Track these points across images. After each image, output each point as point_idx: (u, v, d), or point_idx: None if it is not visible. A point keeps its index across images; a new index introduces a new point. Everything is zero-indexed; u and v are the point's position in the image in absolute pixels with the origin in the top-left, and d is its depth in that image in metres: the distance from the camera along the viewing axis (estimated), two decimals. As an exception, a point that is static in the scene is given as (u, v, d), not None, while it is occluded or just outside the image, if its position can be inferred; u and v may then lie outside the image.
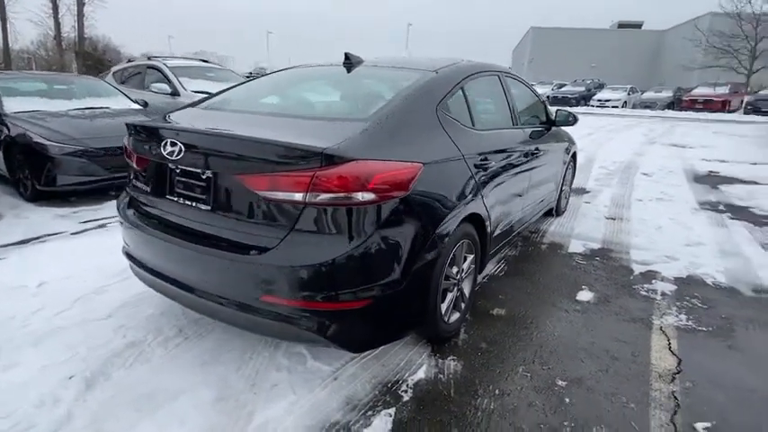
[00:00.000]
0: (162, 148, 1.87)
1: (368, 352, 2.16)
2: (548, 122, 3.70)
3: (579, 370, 2.11)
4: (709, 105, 21.43)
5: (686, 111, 21.79)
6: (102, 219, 4.17)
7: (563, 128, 4.10)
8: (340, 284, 1.64)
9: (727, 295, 2.91)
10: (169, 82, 6.85)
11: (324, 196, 1.59)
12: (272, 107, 2.45)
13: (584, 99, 26.08)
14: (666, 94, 24.17)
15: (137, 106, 6.04)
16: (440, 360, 2.15)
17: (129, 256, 2.22)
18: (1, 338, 2.19)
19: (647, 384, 2.02)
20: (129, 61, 8.42)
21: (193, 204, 1.87)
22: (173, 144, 1.83)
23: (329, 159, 1.58)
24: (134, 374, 1.96)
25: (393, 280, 1.73)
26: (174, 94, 6.75)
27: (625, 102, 24.51)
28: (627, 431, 1.74)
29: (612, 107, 24.02)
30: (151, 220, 2.05)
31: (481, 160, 2.34)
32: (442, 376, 2.04)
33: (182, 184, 1.91)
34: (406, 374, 2.04)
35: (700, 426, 1.76)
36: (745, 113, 20.27)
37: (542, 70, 41.88)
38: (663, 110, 22.74)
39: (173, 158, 1.84)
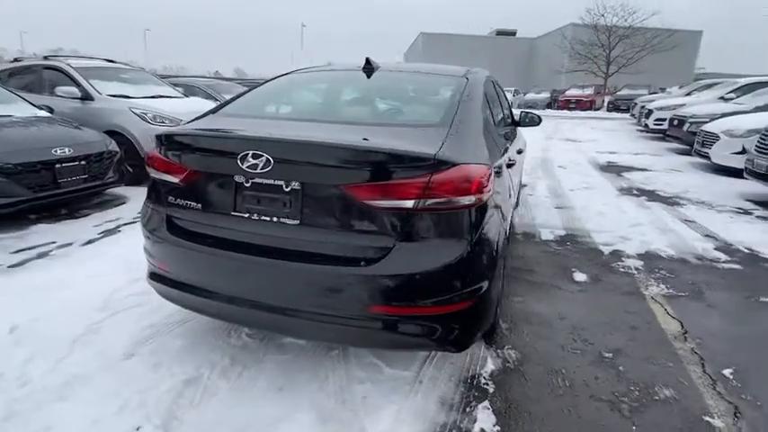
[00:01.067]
0: (239, 162, 1.71)
1: (432, 354, 2.20)
2: (513, 123, 4.04)
3: (614, 342, 2.39)
4: (580, 105, 24.66)
5: (562, 110, 24.80)
6: (38, 246, 3.56)
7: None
8: (452, 288, 1.67)
9: (682, 265, 3.48)
10: (78, 85, 6.00)
11: (434, 201, 1.61)
12: (330, 114, 2.38)
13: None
14: (545, 95, 27.27)
15: (43, 113, 5.21)
16: (498, 351, 2.28)
17: (167, 281, 1.98)
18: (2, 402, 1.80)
19: (670, 345, 2.36)
20: (16, 60, 7.15)
21: (275, 219, 1.74)
22: (256, 156, 1.68)
23: (440, 165, 1.60)
24: (209, 411, 1.77)
25: (490, 278, 1.81)
26: (86, 98, 5.93)
27: (510, 103, 27.08)
28: (679, 386, 2.03)
29: (502, 107, 26.40)
30: (210, 240, 1.86)
31: (507, 160, 2.52)
32: (509, 364, 2.17)
33: (255, 199, 1.76)
34: (478, 368, 2.13)
35: (726, 372, 2.13)
36: (608, 111, 23.73)
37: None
38: (543, 109, 25.59)
39: (256, 171, 1.69)
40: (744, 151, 6.89)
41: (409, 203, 1.60)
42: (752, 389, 2.01)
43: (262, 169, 1.68)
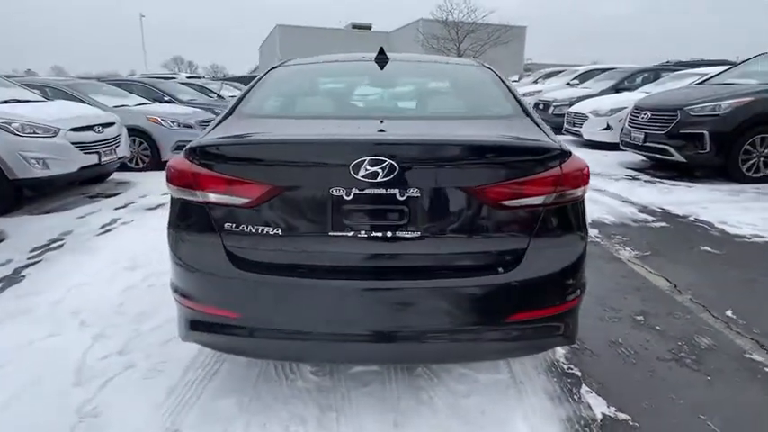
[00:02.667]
0: (352, 171, 1.40)
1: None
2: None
3: (633, 305, 2.64)
4: (442, 94, 26.66)
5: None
6: None
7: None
8: (576, 282, 1.64)
9: (626, 228, 4.00)
10: None
11: (560, 195, 1.55)
12: (388, 110, 2.19)
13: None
14: (410, 86, 28.78)
15: None
16: (554, 333, 2.34)
17: (234, 329, 1.57)
18: None
19: (675, 299, 2.70)
20: None
21: (389, 234, 1.48)
22: (375, 163, 1.40)
23: (564, 156, 1.54)
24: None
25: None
26: None
27: (381, 94, 28.04)
28: (709, 332, 2.33)
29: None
30: (301, 270, 1.52)
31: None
32: (574, 345, 2.24)
33: (361, 214, 1.48)
34: (552, 355, 2.15)
35: (729, 313, 2.51)
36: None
37: (295, 67, 43.62)
38: (411, 99, 27.09)
39: (375, 181, 1.41)
40: (608, 127, 8.21)
41: (540, 199, 1.52)
42: (756, 323, 2.40)
43: (383, 177, 1.42)
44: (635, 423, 1.72)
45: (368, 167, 1.41)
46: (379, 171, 1.41)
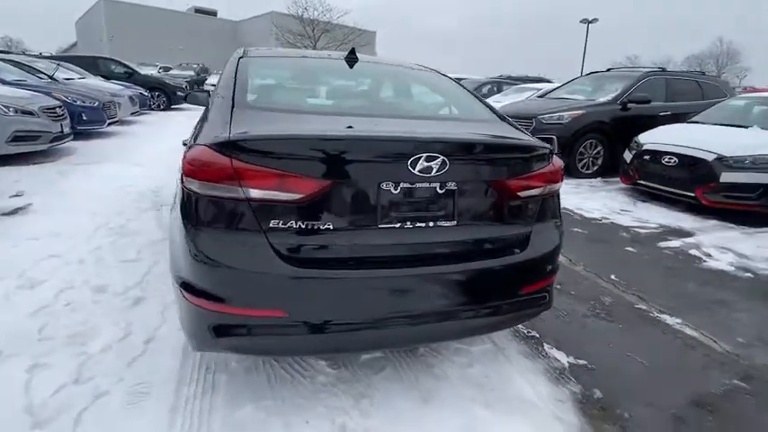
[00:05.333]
0: (410, 166, 1.49)
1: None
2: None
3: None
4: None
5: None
6: None
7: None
8: (557, 259, 2.00)
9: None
10: None
11: (550, 187, 1.89)
12: (382, 109, 2.22)
13: (197, 83, 26.25)
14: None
15: None
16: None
17: (277, 329, 1.53)
18: None
19: (574, 270, 3.37)
20: None
21: (431, 225, 1.62)
22: (430, 158, 1.51)
23: (552, 155, 1.89)
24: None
25: None
26: None
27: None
28: (604, 291, 3.01)
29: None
30: (351, 262, 1.55)
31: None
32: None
33: (408, 206, 1.59)
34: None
35: (613, 277, 3.26)
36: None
37: (125, 50, 38.15)
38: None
39: (430, 175, 1.52)
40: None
41: (539, 190, 1.83)
42: (632, 283, 3.18)
43: (436, 172, 1.55)
44: (592, 366, 2.18)
45: (424, 163, 1.53)
46: (434, 166, 1.55)
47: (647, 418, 1.85)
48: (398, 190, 1.56)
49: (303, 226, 1.50)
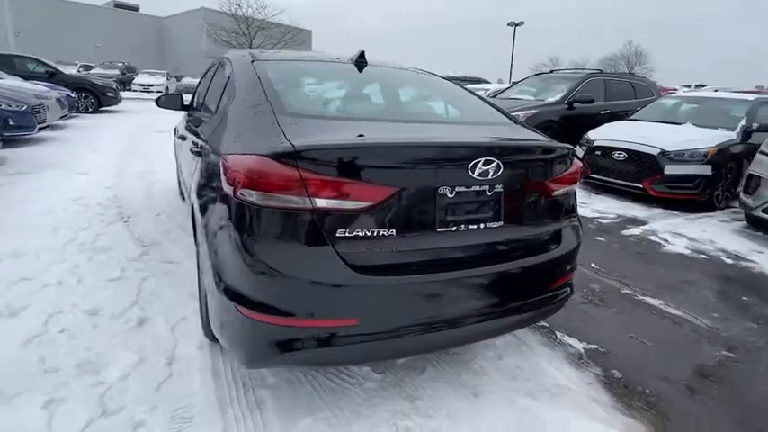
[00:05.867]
0: (470, 170, 1.53)
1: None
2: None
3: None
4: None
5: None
6: None
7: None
8: (578, 253, 2.13)
9: None
10: None
11: (572, 187, 2.02)
12: (414, 114, 2.26)
13: (123, 84, 24.50)
14: (204, 80, 26.54)
15: None
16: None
17: (348, 339, 1.51)
18: None
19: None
20: None
21: (481, 226, 1.68)
22: (487, 162, 1.56)
23: (574, 156, 2.02)
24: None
25: None
26: None
27: (168, 87, 25.01)
28: (590, 278, 3.25)
29: (157, 92, 24.03)
30: (413, 267, 1.57)
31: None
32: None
33: (462, 209, 1.63)
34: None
35: (593, 265, 3.52)
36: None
37: (33, 47, 34.69)
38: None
39: (487, 179, 1.58)
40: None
41: (566, 189, 1.96)
42: (612, 270, 3.45)
43: (492, 175, 1.61)
44: (603, 349, 2.36)
45: (482, 167, 1.59)
46: (490, 170, 1.61)
47: (665, 391, 2.04)
48: (453, 194, 1.60)
49: (368, 233, 1.50)
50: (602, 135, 6.16)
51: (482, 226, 1.69)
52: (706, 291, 3.19)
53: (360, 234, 1.49)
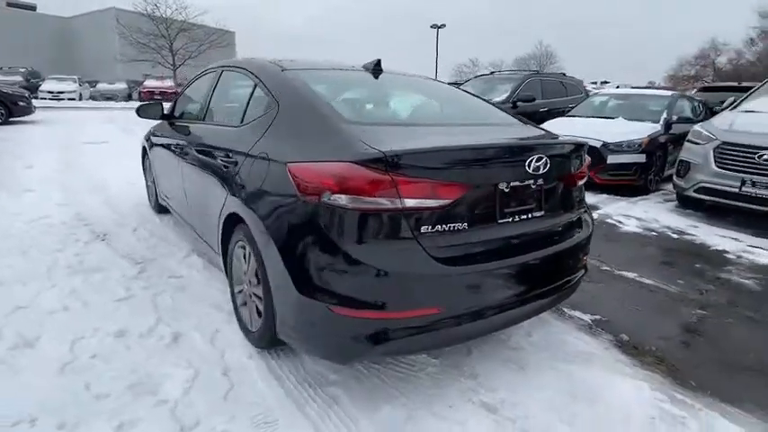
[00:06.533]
0: (527, 166, 1.73)
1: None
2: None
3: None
4: (166, 96, 24.08)
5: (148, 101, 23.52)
6: None
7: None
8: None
9: None
10: None
11: (585, 179, 2.31)
12: (448, 118, 2.41)
13: (31, 90, 22.09)
14: (122, 86, 24.70)
15: None
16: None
17: (438, 324, 1.66)
18: None
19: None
20: None
21: (529, 216, 1.89)
22: (539, 159, 1.76)
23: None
24: None
25: None
26: None
27: (81, 94, 22.97)
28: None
29: (69, 99, 21.99)
30: (480, 256, 1.74)
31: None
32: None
33: (515, 202, 1.83)
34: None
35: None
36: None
37: None
38: (126, 101, 23.32)
39: (539, 173, 1.79)
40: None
41: (584, 180, 2.24)
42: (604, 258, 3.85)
43: (542, 170, 1.82)
44: (606, 318, 2.69)
45: (535, 163, 1.80)
46: (541, 165, 1.82)
47: (666, 347, 2.39)
48: (509, 188, 1.80)
49: (446, 228, 1.65)
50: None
51: (529, 216, 1.91)
52: (666, 262, 3.69)
53: (440, 229, 1.64)
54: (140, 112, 3.56)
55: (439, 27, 36.99)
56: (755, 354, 2.35)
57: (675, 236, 4.40)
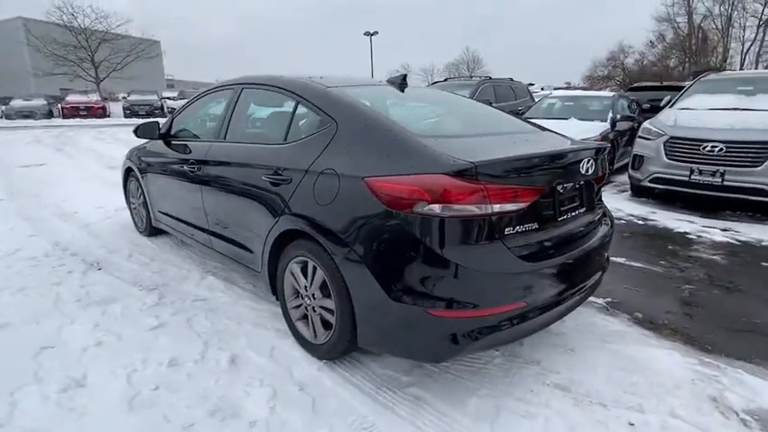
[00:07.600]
0: (581, 167, 1.95)
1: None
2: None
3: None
4: (92, 112, 22.45)
5: (71, 118, 21.77)
6: None
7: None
8: None
9: None
10: None
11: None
12: (492, 128, 2.53)
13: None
14: (41, 102, 22.65)
15: None
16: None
17: (518, 318, 1.82)
18: None
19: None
20: None
21: (576, 213, 2.11)
22: (588, 161, 1.99)
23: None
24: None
25: None
26: None
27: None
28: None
29: (-23, 119, 19.88)
30: (548, 252, 1.92)
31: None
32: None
33: (568, 201, 2.04)
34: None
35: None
36: (126, 117, 22.98)
37: None
38: (47, 119, 21.45)
39: (588, 174, 2.01)
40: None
41: (605, 179, 2.51)
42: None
43: (591, 172, 2.06)
44: (617, 300, 3.00)
45: (586, 165, 2.02)
46: (590, 168, 2.05)
47: (675, 320, 2.73)
48: (563, 189, 2.01)
49: (523, 228, 1.82)
50: (511, 132, 7.18)
51: (576, 213, 2.13)
52: (643, 245, 4.14)
53: (519, 229, 1.80)
54: (139, 132, 3.41)
55: (371, 35, 37.50)
56: (747, 318, 2.75)
57: (641, 222, 4.91)
